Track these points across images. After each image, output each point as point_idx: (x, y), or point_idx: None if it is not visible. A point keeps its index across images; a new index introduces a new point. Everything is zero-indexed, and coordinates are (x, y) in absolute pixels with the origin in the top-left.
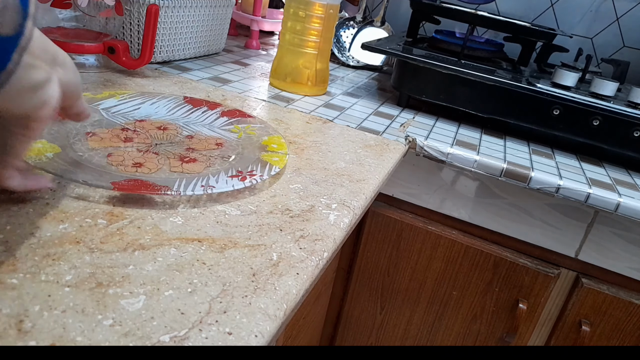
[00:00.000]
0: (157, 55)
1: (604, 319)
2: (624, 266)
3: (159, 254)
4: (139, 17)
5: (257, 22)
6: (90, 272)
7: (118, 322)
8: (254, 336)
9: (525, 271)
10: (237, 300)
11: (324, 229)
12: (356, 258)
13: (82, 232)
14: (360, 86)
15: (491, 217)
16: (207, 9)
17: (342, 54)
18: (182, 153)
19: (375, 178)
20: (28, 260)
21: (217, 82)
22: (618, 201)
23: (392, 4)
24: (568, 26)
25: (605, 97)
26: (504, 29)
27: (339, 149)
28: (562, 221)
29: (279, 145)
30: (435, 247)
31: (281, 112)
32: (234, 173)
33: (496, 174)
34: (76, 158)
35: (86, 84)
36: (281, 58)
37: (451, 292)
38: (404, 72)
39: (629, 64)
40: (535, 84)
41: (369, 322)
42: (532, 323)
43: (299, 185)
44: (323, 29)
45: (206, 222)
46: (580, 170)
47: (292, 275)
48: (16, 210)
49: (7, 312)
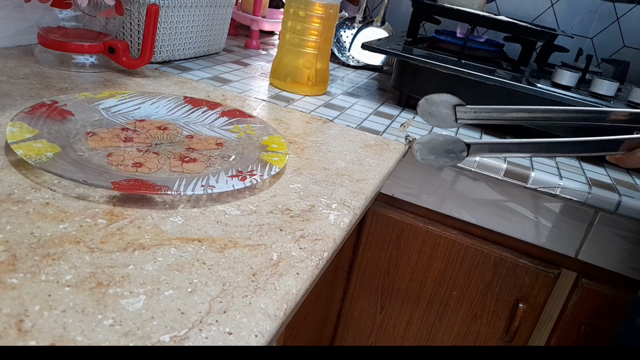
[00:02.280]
0: (157, 55)
1: (604, 319)
2: (624, 266)
3: (159, 254)
4: (139, 17)
5: (257, 22)
6: (90, 272)
7: (118, 322)
8: (254, 336)
9: (525, 271)
10: (237, 300)
11: (324, 228)
12: (356, 258)
13: (82, 232)
14: (360, 86)
15: (491, 217)
16: (207, 8)
17: (342, 53)
18: (182, 153)
19: (375, 178)
20: (28, 260)
21: (217, 82)
22: (618, 201)
23: (392, 4)
24: (568, 26)
25: (605, 97)
26: (505, 30)
27: (339, 149)
28: (562, 221)
29: (279, 145)
30: (435, 247)
31: (281, 112)
32: (234, 173)
33: (496, 174)
34: (76, 158)
35: (86, 83)
36: (281, 58)
37: (451, 292)
38: (404, 72)
39: (629, 64)
40: (535, 84)
41: (369, 322)
42: (532, 323)
43: (299, 185)
44: (323, 29)
45: (206, 222)
46: (580, 170)
47: (292, 275)
48: (16, 210)
49: (7, 311)
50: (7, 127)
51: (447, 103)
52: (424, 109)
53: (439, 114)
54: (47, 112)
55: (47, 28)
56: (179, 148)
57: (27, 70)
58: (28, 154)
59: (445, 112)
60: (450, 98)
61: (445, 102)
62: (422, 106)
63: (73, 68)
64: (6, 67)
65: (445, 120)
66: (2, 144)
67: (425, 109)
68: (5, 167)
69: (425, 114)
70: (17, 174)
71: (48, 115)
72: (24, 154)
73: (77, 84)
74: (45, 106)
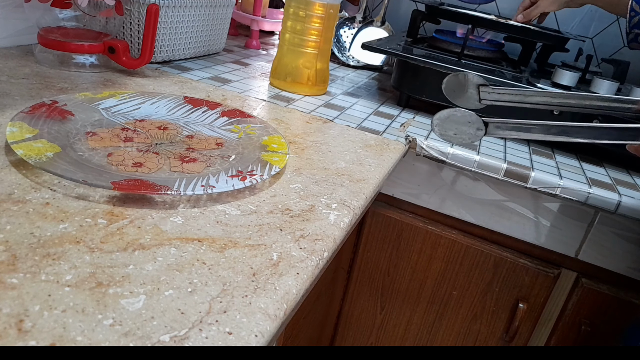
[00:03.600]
0: (157, 55)
1: (604, 319)
2: (624, 266)
3: (159, 254)
4: (139, 17)
5: (257, 22)
6: (90, 272)
7: (118, 322)
8: (254, 336)
9: (525, 271)
10: (237, 300)
11: (324, 228)
12: (356, 258)
13: (82, 231)
14: (360, 86)
15: (491, 217)
16: (207, 8)
17: (342, 53)
18: (182, 153)
19: (376, 178)
20: (28, 260)
21: (217, 82)
22: (618, 201)
23: (392, 4)
24: (568, 26)
25: None
26: (511, 32)
27: (339, 149)
28: (562, 221)
29: (279, 145)
30: (435, 247)
31: (281, 112)
32: (234, 173)
33: (496, 174)
34: (76, 158)
35: (86, 83)
36: (281, 58)
37: (451, 292)
38: (404, 72)
39: (629, 64)
40: (535, 83)
41: (369, 322)
42: (532, 323)
43: (299, 185)
44: (323, 29)
45: (206, 222)
46: (580, 170)
47: (292, 275)
48: (16, 210)
49: (7, 311)
50: (7, 127)
51: (471, 82)
52: (449, 87)
53: (463, 92)
54: (47, 112)
55: (47, 28)
56: (179, 148)
57: (27, 70)
58: (28, 153)
59: (470, 92)
60: (475, 78)
61: (470, 82)
62: (447, 83)
63: (73, 68)
64: (6, 67)
65: (469, 100)
66: (2, 144)
67: (450, 87)
68: (5, 167)
69: (450, 93)
70: (17, 174)
71: (48, 115)
72: (24, 154)
73: (77, 84)
74: (45, 106)
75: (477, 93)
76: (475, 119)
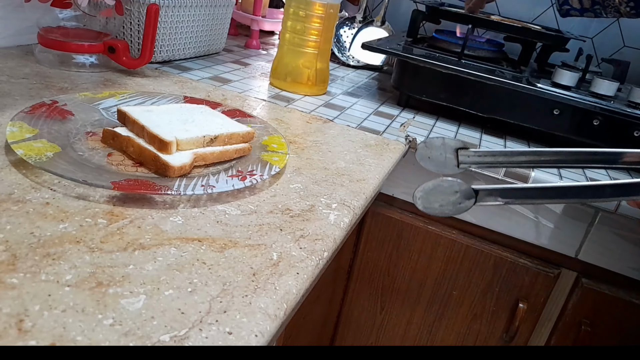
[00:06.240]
0: (157, 54)
1: (604, 319)
2: (624, 266)
3: (159, 254)
4: (139, 17)
5: (257, 22)
6: (90, 272)
7: (118, 322)
8: (254, 336)
9: (526, 271)
10: (237, 300)
11: (324, 228)
12: (356, 258)
13: (82, 231)
14: (360, 86)
15: (491, 217)
16: (207, 8)
17: (342, 53)
18: None
19: (376, 178)
20: (28, 260)
21: (217, 82)
22: (618, 201)
23: (392, 4)
24: (568, 26)
25: (605, 97)
26: (511, 32)
27: (339, 149)
28: (562, 221)
29: (279, 145)
30: (435, 247)
31: (281, 112)
32: (234, 173)
33: (496, 174)
34: (76, 158)
35: (86, 83)
36: (281, 58)
37: (451, 292)
38: (404, 71)
39: (629, 64)
40: (535, 83)
41: (369, 322)
42: (532, 323)
43: (299, 185)
44: (323, 29)
45: (206, 222)
46: (580, 170)
47: (292, 275)
48: (16, 210)
49: (7, 311)
50: (7, 126)
51: (448, 146)
52: (422, 153)
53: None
54: (47, 111)
55: (47, 28)
56: None
57: (27, 70)
58: (28, 153)
59: (447, 157)
60: (452, 141)
61: (447, 146)
62: (420, 151)
63: (73, 68)
64: (6, 67)
65: (446, 165)
66: (2, 144)
67: (423, 154)
68: (5, 166)
69: (423, 159)
70: (17, 174)
71: (48, 115)
72: (24, 154)
73: (77, 83)
74: (45, 106)
75: (455, 157)
76: (464, 188)
